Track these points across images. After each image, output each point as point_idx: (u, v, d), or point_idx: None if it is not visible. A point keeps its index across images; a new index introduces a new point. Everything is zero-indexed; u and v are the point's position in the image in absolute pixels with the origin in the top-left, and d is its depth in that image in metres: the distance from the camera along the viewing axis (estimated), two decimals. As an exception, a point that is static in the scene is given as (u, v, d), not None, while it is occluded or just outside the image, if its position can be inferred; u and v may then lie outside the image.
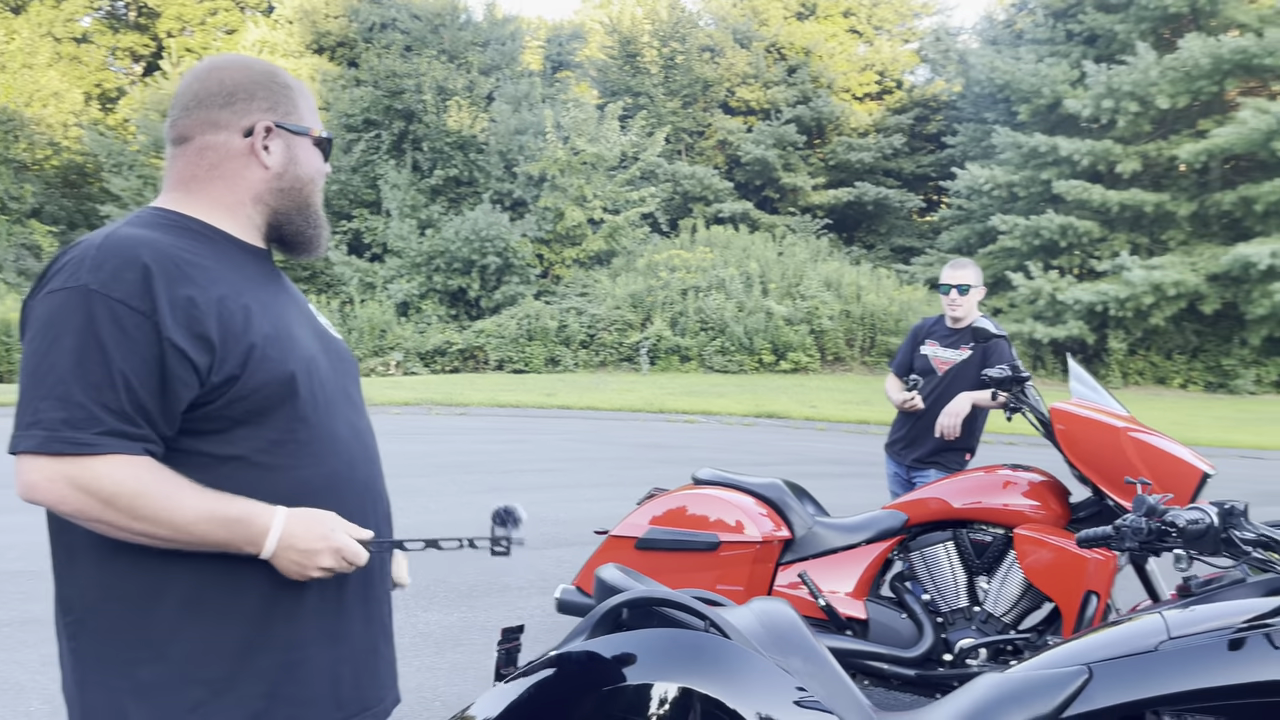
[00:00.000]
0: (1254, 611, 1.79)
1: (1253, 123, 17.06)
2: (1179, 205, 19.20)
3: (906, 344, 4.58)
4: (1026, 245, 20.13)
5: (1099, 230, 19.68)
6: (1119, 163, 19.32)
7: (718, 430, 13.68)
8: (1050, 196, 20.20)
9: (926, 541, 3.64)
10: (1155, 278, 17.72)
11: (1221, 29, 19.29)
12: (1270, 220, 18.31)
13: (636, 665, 1.77)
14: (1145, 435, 3.27)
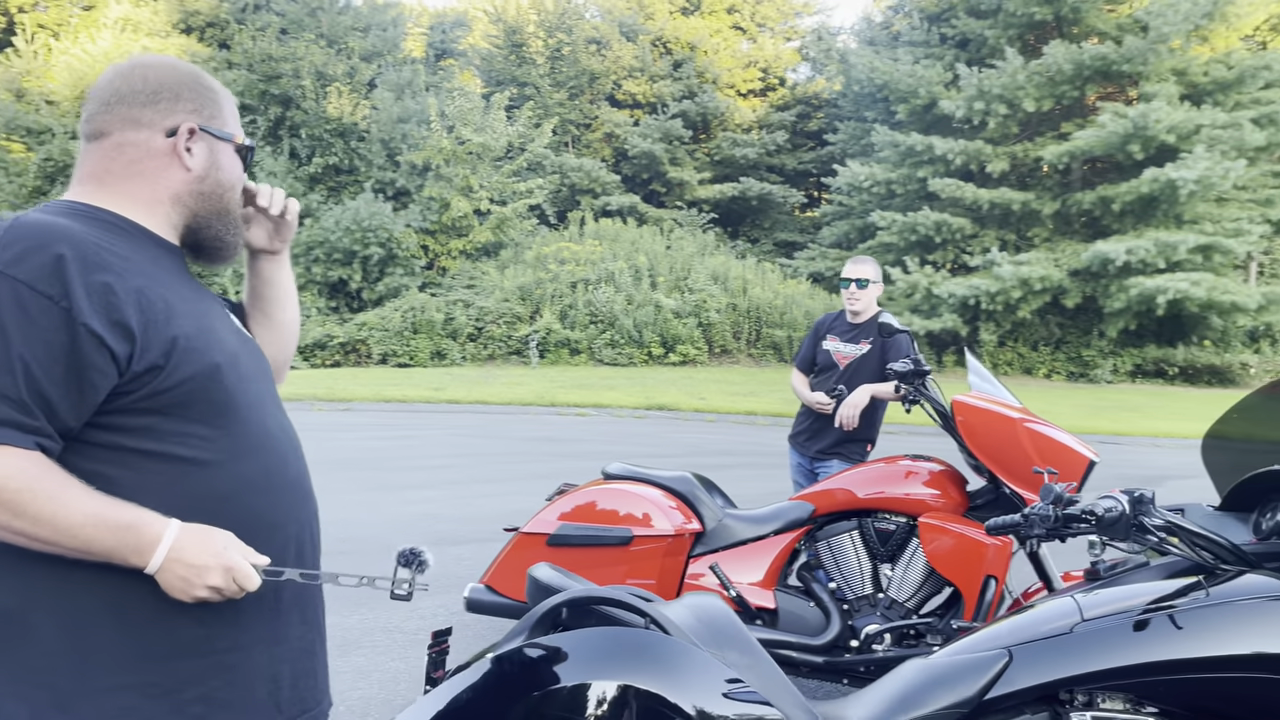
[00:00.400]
0: (1158, 594, 1.89)
1: (1111, 126, 18.06)
2: (1044, 204, 20.18)
3: (809, 340, 4.68)
4: (904, 241, 20.82)
5: (971, 227, 20.52)
6: (989, 162, 20.17)
7: (609, 423, 13.71)
8: (926, 194, 20.95)
9: (833, 531, 3.73)
10: (1023, 273, 18.58)
11: (1083, 36, 20.34)
12: (1126, 219, 19.43)
13: (579, 664, 1.75)
14: (1038, 425, 3.43)
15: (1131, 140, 18.14)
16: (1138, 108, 17.83)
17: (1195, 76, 19.65)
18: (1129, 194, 18.49)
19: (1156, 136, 17.96)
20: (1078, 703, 1.88)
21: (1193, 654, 1.78)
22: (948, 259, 20.91)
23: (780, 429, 14.18)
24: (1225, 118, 18.34)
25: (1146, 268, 18.14)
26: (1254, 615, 1.77)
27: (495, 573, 3.77)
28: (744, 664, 1.89)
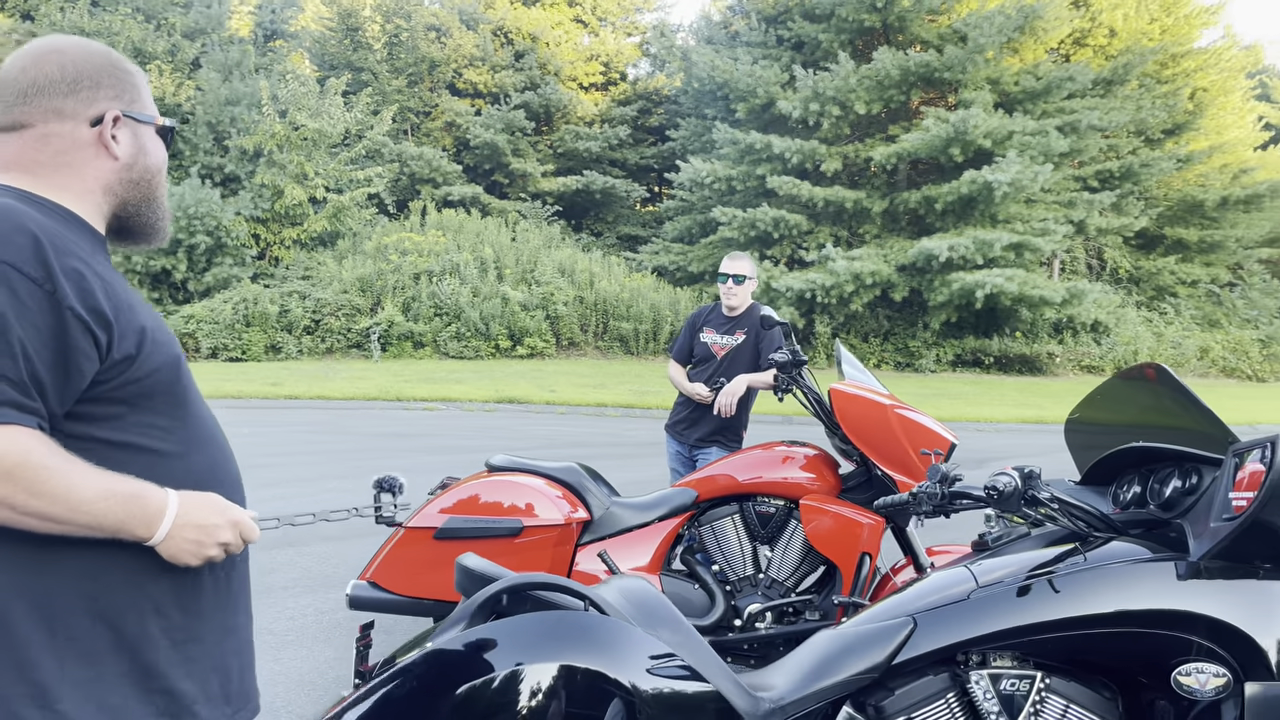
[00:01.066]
0: (1042, 561, 2.09)
1: (934, 130, 19.17)
2: (873, 202, 21.21)
3: (685, 332, 4.81)
4: (744, 236, 21.44)
5: (807, 223, 21.34)
6: (824, 162, 21.03)
7: (459, 417, 13.55)
8: (765, 191, 21.63)
9: (715, 515, 3.86)
10: (855, 268, 19.48)
11: (908, 44, 21.48)
12: (948, 218, 20.68)
13: (526, 647, 1.78)
14: (906, 411, 3.66)
15: (952, 144, 19.30)
16: (958, 113, 18.99)
17: (1007, 86, 21.10)
18: (950, 194, 19.67)
19: (974, 141, 19.19)
20: (973, 662, 2.06)
21: (1071, 613, 1.98)
22: (785, 254, 21.67)
23: (631, 420, 14.42)
24: (1034, 125, 19.78)
25: (966, 264, 19.37)
26: (1120, 577, 1.98)
27: (380, 568, 3.71)
28: (676, 641, 1.97)
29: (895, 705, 2.03)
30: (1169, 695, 1.97)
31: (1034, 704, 2.00)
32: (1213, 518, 1.98)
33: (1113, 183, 23.56)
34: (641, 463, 9.82)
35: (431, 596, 3.68)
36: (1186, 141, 26.45)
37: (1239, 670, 1.89)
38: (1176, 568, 1.95)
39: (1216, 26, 27.36)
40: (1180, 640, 1.92)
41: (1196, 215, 26.44)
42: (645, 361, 20.68)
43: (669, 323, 21.00)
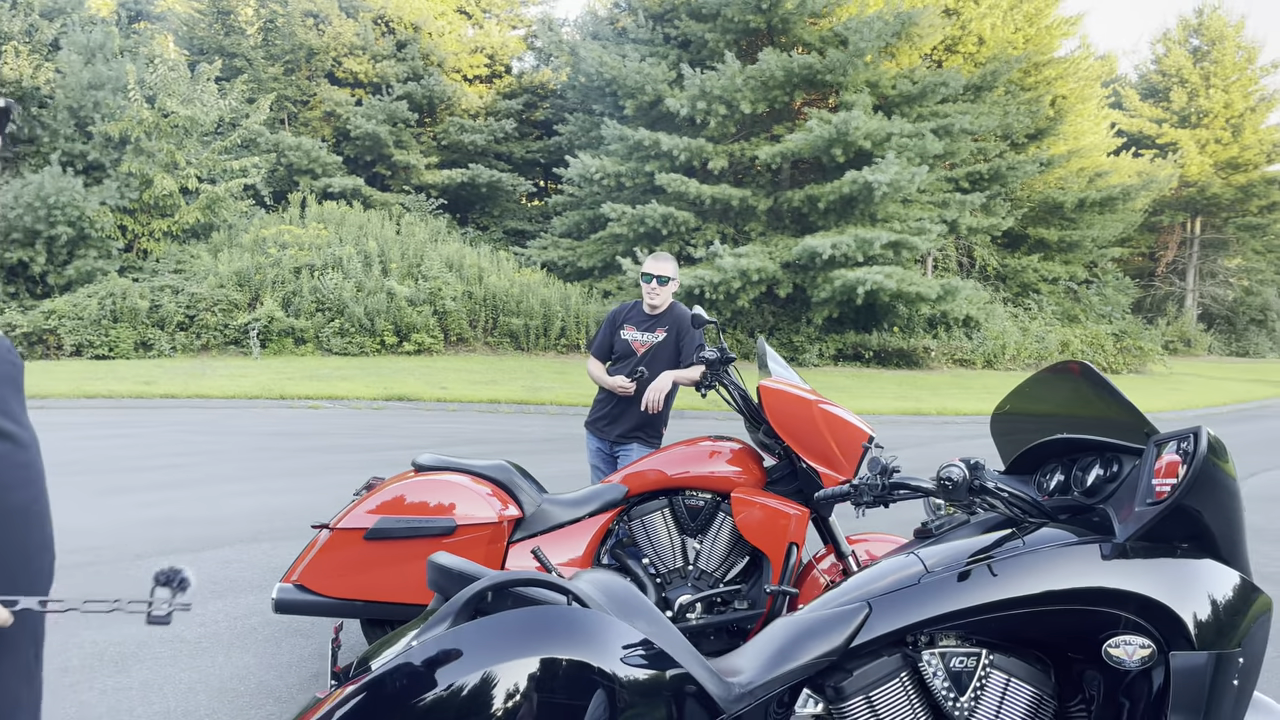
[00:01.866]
0: (984, 546, 2.23)
1: (818, 131, 19.70)
2: (759, 200, 21.65)
3: (605, 329, 4.85)
4: (633, 232, 21.59)
5: (695, 220, 21.63)
6: (711, 160, 21.35)
7: (347, 415, 13.25)
8: (654, 187, 21.82)
9: (645, 510, 3.93)
10: (742, 264, 19.86)
11: (792, 46, 22.00)
12: (829, 216, 21.29)
13: (513, 644, 1.81)
14: (828, 406, 3.80)
15: (835, 144, 19.89)
16: (840, 115, 19.57)
17: (885, 89, 21.86)
18: (832, 194, 20.26)
19: (855, 142, 19.81)
20: (923, 643, 2.19)
21: (1011, 594, 2.12)
22: (674, 250, 21.91)
23: (525, 416, 14.37)
24: (911, 128, 20.55)
25: (848, 261, 20.00)
26: (1054, 559, 2.13)
27: (307, 571, 3.64)
28: (651, 630, 2.02)
29: (853, 685, 2.13)
30: (1098, 666, 2.14)
31: (979, 679, 2.14)
32: (1136, 502, 2.15)
33: (982, 184, 24.70)
34: (541, 459, 9.82)
35: (362, 598, 3.63)
36: (1048, 146, 27.96)
37: (1162, 641, 2.06)
38: (1104, 549, 2.11)
39: (1074, 37, 29.00)
40: (1109, 615, 2.08)
41: (1056, 216, 27.98)
42: (536, 357, 20.61)
43: (560, 319, 20.98)
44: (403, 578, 3.61)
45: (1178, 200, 36.65)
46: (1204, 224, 39.04)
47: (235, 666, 4.02)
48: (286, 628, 4.52)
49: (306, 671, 4.00)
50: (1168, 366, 27.13)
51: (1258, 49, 38.38)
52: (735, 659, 2.22)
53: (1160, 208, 36.23)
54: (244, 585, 5.15)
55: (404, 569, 3.62)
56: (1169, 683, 2.05)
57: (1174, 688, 2.03)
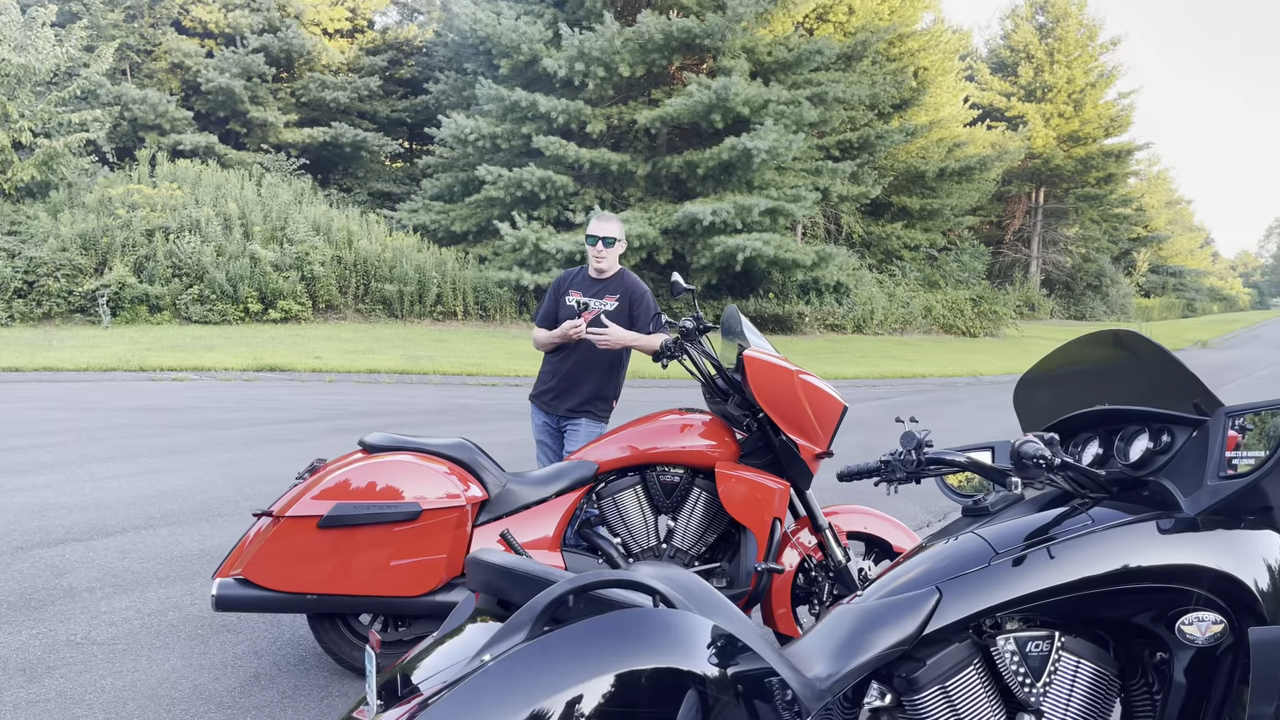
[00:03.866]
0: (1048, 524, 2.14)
1: (697, 96, 19.65)
2: (638, 166, 21.50)
3: (550, 297, 4.60)
4: (510, 196, 21.09)
5: (573, 185, 21.30)
6: (589, 123, 21.03)
7: (217, 387, 12.48)
8: (531, 150, 21.36)
9: (617, 487, 3.74)
10: (622, 230, 19.69)
11: (670, 8, 21.82)
12: (708, 183, 21.35)
13: (608, 653, 1.61)
14: (807, 376, 3.70)
15: (714, 110, 19.89)
16: (719, 80, 19.56)
17: (762, 56, 21.99)
18: (711, 160, 20.29)
19: (734, 108, 19.87)
20: (994, 628, 2.10)
21: (1084, 574, 2.03)
22: (552, 215, 21.55)
23: (408, 387, 13.89)
24: (788, 95, 20.76)
25: (727, 228, 20.11)
26: (1126, 536, 2.06)
27: (254, 563, 3.30)
28: (733, 626, 1.86)
29: (927, 675, 2.02)
30: (1163, 644, 2.10)
31: (1053, 663, 2.07)
32: (1207, 476, 2.11)
33: (852, 153, 25.27)
34: (436, 431, 9.46)
35: (316, 590, 3.33)
36: (911, 117, 28.82)
37: (1234, 617, 2.03)
38: (1177, 524, 2.07)
39: (933, 10, 29.92)
40: (1181, 592, 2.04)
41: (918, 185, 28.96)
42: (412, 325, 19.96)
43: (435, 285, 20.34)
44: (361, 568, 3.33)
45: (1024, 171, 38.52)
46: (1047, 194, 41.24)
47: (162, 670, 3.64)
48: (209, 623, 4.14)
49: (244, 671, 3.66)
50: (1019, 330, 28.60)
51: (1098, 27, 40.63)
52: (799, 651, 2.09)
53: (1009, 178, 37.99)
54: (149, 577, 4.70)
55: (362, 558, 3.33)
56: (1237, 659, 2.03)
57: (1254, 663, 2.00)
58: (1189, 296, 63.81)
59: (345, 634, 3.58)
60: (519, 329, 21.07)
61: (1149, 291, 56.92)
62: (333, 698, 3.47)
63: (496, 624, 1.89)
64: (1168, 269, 62.33)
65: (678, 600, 1.78)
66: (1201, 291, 69.86)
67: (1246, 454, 2.05)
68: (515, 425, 10.07)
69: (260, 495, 6.44)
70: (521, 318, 21.44)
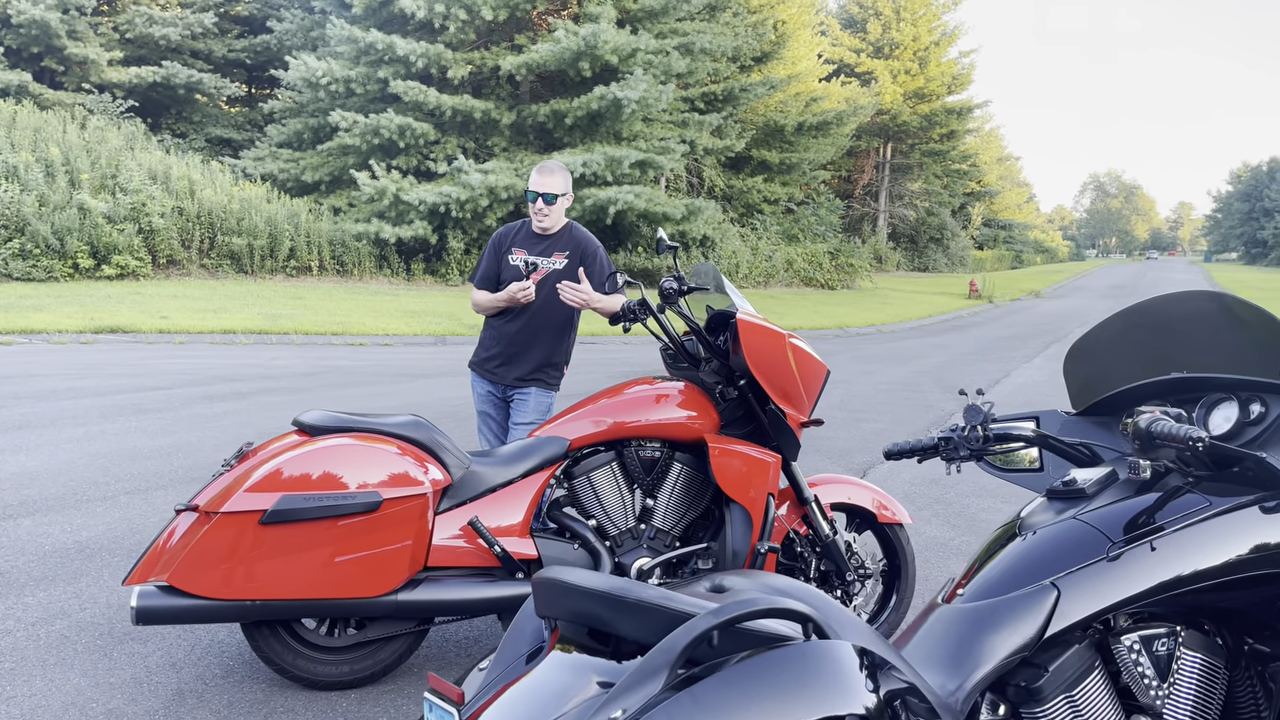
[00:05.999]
0: (1159, 509, 1.94)
1: (565, 42, 19.04)
2: (502, 114, 20.75)
3: (489, 255, 4.15)
4: (366, 143, 20.00)
5: (434, 133, 20.38)
6: (450, 68, 20.10)
7: (51, 352, 11.30)
8: (388, 96, 20.27)
9: (591, 465, 3.40)
10: (490, 181, 19.02)
11: (533, -49, 20.99)
12: (576, 133, 20.82)
13: (777, 700, 1.31)
14: (795, 340, 3.45)
15: (582, 58, 19.33)
16: (587, 27, 18.99)
17: (628, 3, 21.49)
18: (580, 109, 19.77)
19: (603, 56, 19.36)
20: (1116, 627, 1.91)
21: (1207, 564, 1.83)
22: (412, 164, 20.58)
23: (269, 348, 13.02)
24: (656, 44, 20.38)
25: (597, 180, 19.70)
26: (1248, 521, 1.89)
27: (182, 567, 2.82)
28: (874, 644, 1.59)
29: (1051, 684, 1.81)
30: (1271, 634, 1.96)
31: (1177, 661, 1.90)
32: None
33: (717, 105, 25.18)
34: (315, 397, 8.82)
35: (260, 597, 2.88)
36: (771, 70, 28.97)
37: None
38: None
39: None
40: None
41: (777, 139, 29.23)
42: (264, 282, 18.73)
43: (289, 238, 19.13)
44: (313, 567, 2.89)
45: (873, 127, 39.56)
46: (894, 150, 42.55)
47: (64, 693, 3.10)
48: (107, 632, 3.60)
49: (165, 689, 3.16)
50: (874, 282, 29.47)
51: (941, -15, 41.92)
52: (909, 659, 1.84)
53: (858, 134, 38.93)
54: (22, 578, 4.07)
55: (314, 557, 2.89)
56: None
57: None
58: (1017, 248, 67.55)
59: (287, 640, 3.13)
60: (380, 285, 20.14)
61: (982, 244, 59.88)
62: (278, 714, 3.03)
63: (586, 658, 1.56)
64: (998, 222, 65.73)
65: (830, 628, 1.49)
66: (1028, 244, 74.10)
67: None
68: (397, 389, 9.51)
69: (131, 476, 5.76)
70: (382, 273, 20.50)
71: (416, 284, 20.70)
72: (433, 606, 3.08)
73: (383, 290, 19.49)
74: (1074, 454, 2.22)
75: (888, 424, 8.69)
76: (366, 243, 19.79)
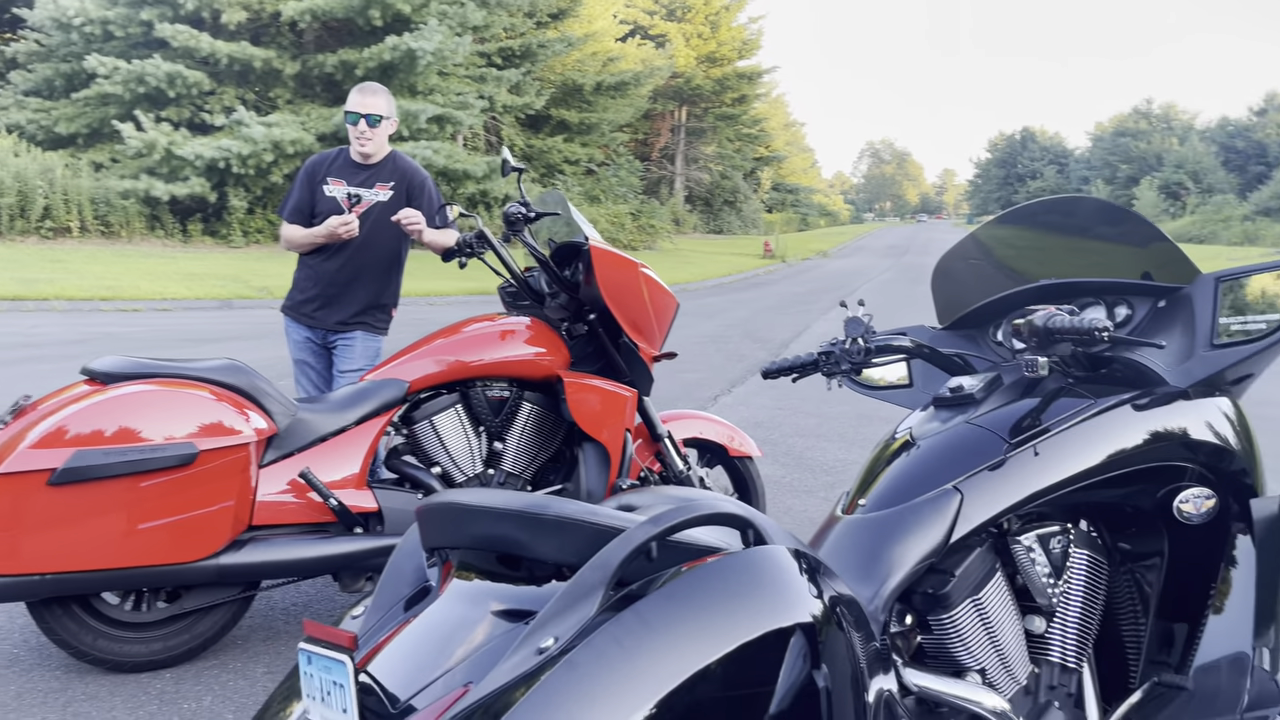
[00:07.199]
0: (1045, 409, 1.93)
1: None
2: (285, 63, 19.44)
3: (301, 185, 3.73)
4: (130, 92, 18.24)
5: (209, 82, 18.85)
6: (224, 11, 18.60)
7: None
8: (154, 40, 18.54)
9: (433, 409, 3.14)
10: (274, 135, 17.80)
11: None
12: (367, 86, 19.78)
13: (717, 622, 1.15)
14: (647, 270, 3.30)
15: (372, 5, 18.37)
16: (378, -27, 18.05)
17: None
18: (371, 60, 18.81)
19: (394, 5, 18.47)
20: (1013, 528, 1.88)
21: (1094, 461, 1.83)
22: (184, 116, 18.97)
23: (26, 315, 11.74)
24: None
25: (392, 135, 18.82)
26: (1127, 416, 1.91)
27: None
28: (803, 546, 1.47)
29: (958, 589, 1.76)
30: (1153, 527, 2.00)
31: (1071, 559, 1.91)
32: (1199, 346, 2.00)
33: (515, 61, 24.64)
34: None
35: (51, 569, 2.48)
36: (568, 27, 28.64)
37: (1222, 490, 1.96)
38: (1173, 397, 1.95)
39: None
40: (1176, 469, 1.94)
41: (576, 99, 29.01)
42: (14, 244, 16.78)
43: (42, 196, 17.21)
44: (116, 533, 2.51)
45: (669, 90, 39.99)
46: (689, 113, 43.24)
47: None
48: None
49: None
50: (674, 243, 29.95)
51: (730, -51, 42.71)
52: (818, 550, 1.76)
53: (655, 96, 39.28)
54: None
55: (117, 520, 2.51)
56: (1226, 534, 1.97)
57: (1257, 535, 1.95)
58: (803, 212, 70.61)
59: (84, 618, 2.72)
60: (153, 247, 18.51)
61: (772, 207, 62.17)
62: (80, 703, 2.63)
63: (496, 585, 1.35)
64: (786, 186, 68.43)
65: (768, 531, 1.36)
66: (812, 207, 77.61)
67: (1256, 319, 1.96)
68: (183, 356, 8.73)
69: None
70: (155, 234, 18.84)
71: (195, 246, 19.17)
72: (260, 569, 2.77)
73: (156, 253, 17.92)
74: (950, 364, 2.20)
75: (705, 374, 8.78)
76: (135, 201, 18.11)
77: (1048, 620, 1.89)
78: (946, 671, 1.78)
